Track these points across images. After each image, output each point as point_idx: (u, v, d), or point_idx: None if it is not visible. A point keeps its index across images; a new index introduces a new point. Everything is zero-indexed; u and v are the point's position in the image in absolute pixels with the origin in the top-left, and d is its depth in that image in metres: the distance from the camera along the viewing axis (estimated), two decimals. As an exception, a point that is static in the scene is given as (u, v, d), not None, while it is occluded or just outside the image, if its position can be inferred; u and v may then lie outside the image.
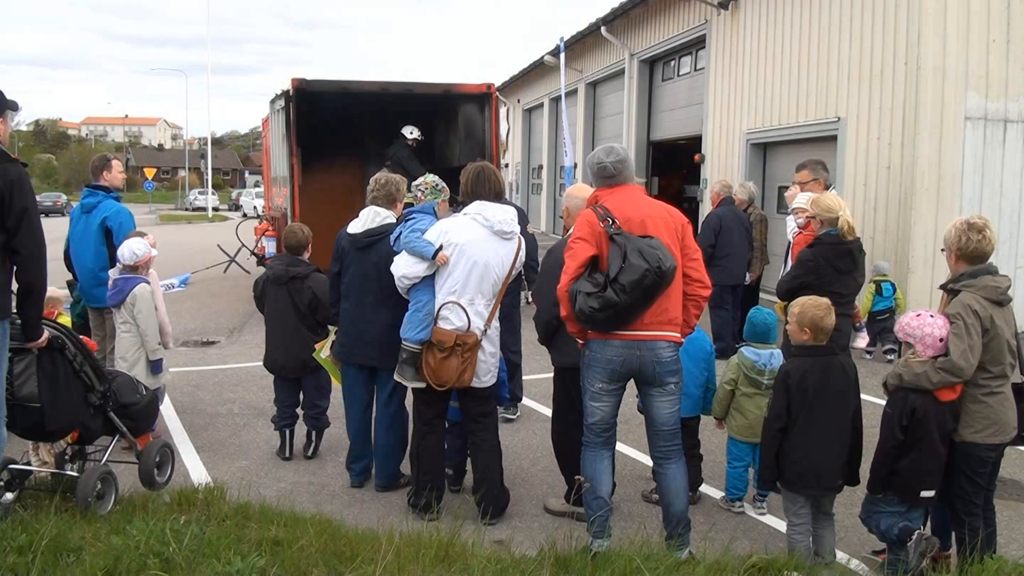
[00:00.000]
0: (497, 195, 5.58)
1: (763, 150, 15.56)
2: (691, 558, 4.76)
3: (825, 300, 4.82)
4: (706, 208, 16.95)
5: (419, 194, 5.88)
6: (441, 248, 5.35)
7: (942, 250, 4.81)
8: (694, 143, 18.58)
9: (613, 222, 4.60)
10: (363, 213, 5.97)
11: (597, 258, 4.62)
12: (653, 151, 21.43)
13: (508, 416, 7.80)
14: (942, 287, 4.83)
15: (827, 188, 7.45)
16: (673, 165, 24.62)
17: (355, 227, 5.94)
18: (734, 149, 16.10)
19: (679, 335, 4.81)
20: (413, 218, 5.59)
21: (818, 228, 6.06)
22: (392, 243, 5.62)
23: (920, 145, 11.19)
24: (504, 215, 5.47)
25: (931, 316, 4.64)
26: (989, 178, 11.32)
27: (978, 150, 11.31)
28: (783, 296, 6.18)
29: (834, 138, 12.88)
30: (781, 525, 5.63)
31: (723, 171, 16.15)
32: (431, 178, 5.96)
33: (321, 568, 3.92)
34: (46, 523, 4.15)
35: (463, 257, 5.38)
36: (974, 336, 4.48)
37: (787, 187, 14.78)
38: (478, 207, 5.47)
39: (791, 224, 7.39)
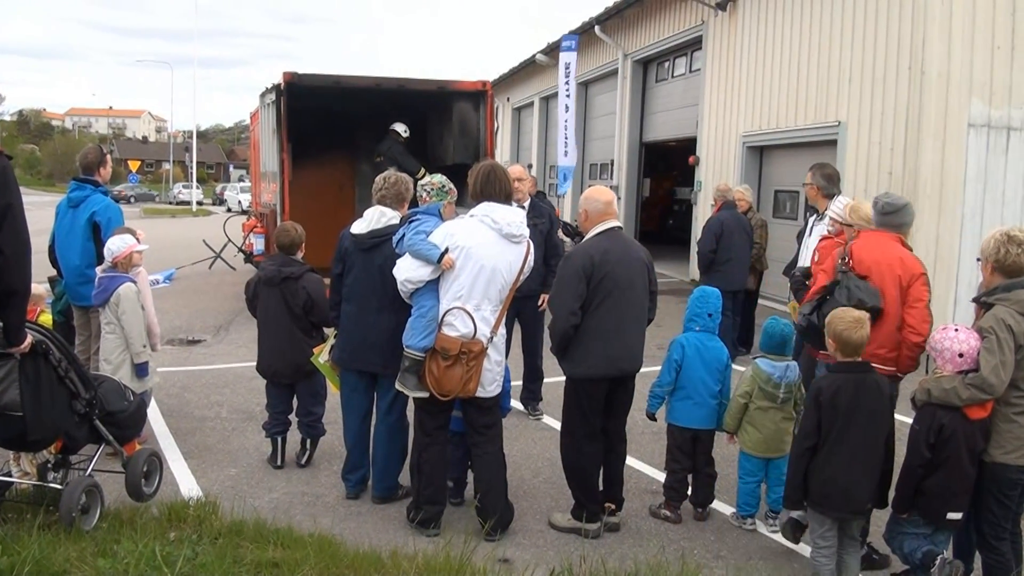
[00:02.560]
0: (507, 196, 5.34)
1: (760, 153, 15.40)
2: None
3: (856, 313, 4.60)
4: (700, 211, 16.82)
5: (424, 194, 5.62)
6: (447, 251, 5.10)
7: (977, 259, 4.62)
8: (686, 145, 18.42)
9: (846, 261, 5.20)
10: (368, 213, 5.70)
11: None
12: (645, 152, 21.24)
13: (535, 416, 7.98)
14: (975, 300, 4.64)
15: (828, 197, 7.21)
16: (665, 167, 24.52)
17: (359, 227, 5.66)
18: (730, 152, 15.94)
19: (882, 367, 4.93)
20: (417, 219, 5.34)
21: (852, 236, 5.83)
22: (395, 245, 5.37)
23: (923, 152, 11.06)
24: (513, 217, 5.24)
25: (955, 330, 4.47)
26: (991, 186, 11.18)
27: (981, 158, 11.17)
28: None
29: (834, 142, 12.73)
30: (795, 544, 5.45)
31: (719, 174, 15.99)
32: (438, 178, 5.70)
33: (325, 596, 3.67)
34: (28, 545, 3.87)
35: (470, 261, 5.13)
36: (1007, 352, 4.29)
37: (784, 191, 14.68)
38: (486, 208, 5.23)
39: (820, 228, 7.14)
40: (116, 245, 6.29)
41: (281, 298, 6.32)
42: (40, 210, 14.35)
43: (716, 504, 5.93)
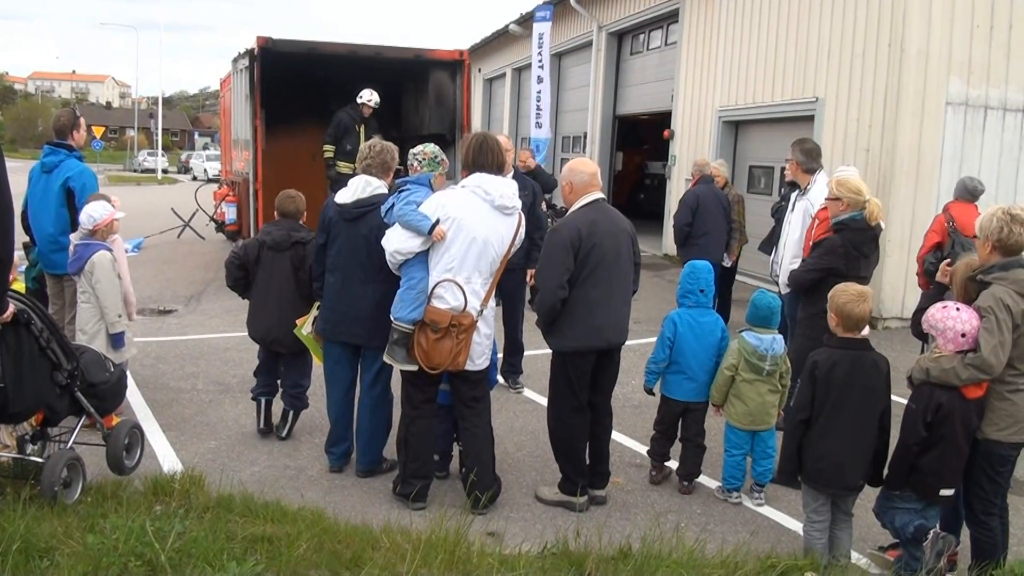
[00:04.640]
0: (499, 168, 5.24)
1: (735, 128, 15.37)
2: None
3: (859, 288, 4.58)
4: (674, 185, 16.80)
5: (416, 164, 5.50)
6: (438, 222, 5.01)
7: (974, 237, 4.60)
8: (659, 119, 18.32)
9: (952, 223, 7.03)
10: (353, 181, 5.57)
11: (941, 244, 7.11)
12: (618, 126, 21.14)
13: (516, 389, 7.80)
14: (970, 278, 4.62)
15: (808, 172, 7.20)
16: (636, 141, 24.41)
17: (344, 196, 5.53)
18: (705, 126, 15.89)
19: None
20: (408, 189, 5.22)
21: (840, 210, 5.82)
22: (384, 215, 5.26)
23: (900, 129, 11.08)
24: (505, 189, 5.15)
25: (956, 309, 4.43)
26: (967, 165, 11.23)
27: (958, 136, 11.24)
28: (804, 287, 6.00)
29: (811, 118, 12.70)
30: (780, 516, 5.50)
31: (693, 148, 15.94)
32: (430, 148, 5.58)
33: (324, 573, 3.59)
34: (13, 520, 3.74)
35: (461, 232, 5.04)
36: (1005, 332, 4.28)
37: (759, 167, 14.69)
38: (477, 180, 5.13)
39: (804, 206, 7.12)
40: (98, 212, 6.11)
41: (289, 263, 6.16)
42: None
43: (701, 478, 5.93)
